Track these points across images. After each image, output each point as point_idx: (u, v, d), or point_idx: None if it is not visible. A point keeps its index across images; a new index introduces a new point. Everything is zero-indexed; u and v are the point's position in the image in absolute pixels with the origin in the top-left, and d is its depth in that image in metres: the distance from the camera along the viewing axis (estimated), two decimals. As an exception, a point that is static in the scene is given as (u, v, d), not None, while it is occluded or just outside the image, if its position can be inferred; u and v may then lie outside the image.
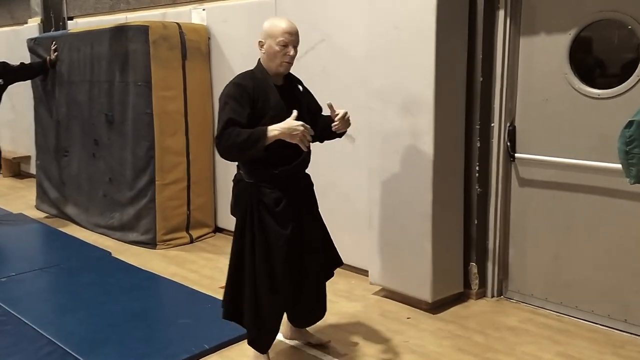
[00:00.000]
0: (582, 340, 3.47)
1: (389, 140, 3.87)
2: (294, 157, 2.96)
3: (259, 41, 2.96)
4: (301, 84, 3.16)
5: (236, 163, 3.06)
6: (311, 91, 3.28)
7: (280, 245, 2.93)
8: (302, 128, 2.78)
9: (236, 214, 3.02)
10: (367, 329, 3.67)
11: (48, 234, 5.93)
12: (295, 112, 2.82)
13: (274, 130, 2.77)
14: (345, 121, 3.04)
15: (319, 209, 3.24)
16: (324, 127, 3.11)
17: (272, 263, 2.95)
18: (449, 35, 3.66)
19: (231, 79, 2.97)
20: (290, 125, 2.78)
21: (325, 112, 3.16)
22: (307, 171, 3.16)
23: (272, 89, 2.92)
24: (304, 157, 3.01)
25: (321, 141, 3.24)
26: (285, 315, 3.25)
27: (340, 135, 3.20)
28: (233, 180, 3.08)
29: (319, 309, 3.34)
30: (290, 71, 3.08)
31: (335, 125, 3.02)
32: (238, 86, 2.87)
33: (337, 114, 3.01)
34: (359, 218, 4.36)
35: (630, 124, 1.89)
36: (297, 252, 3.03)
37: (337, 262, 3.36)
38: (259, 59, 3.00)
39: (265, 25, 2.95)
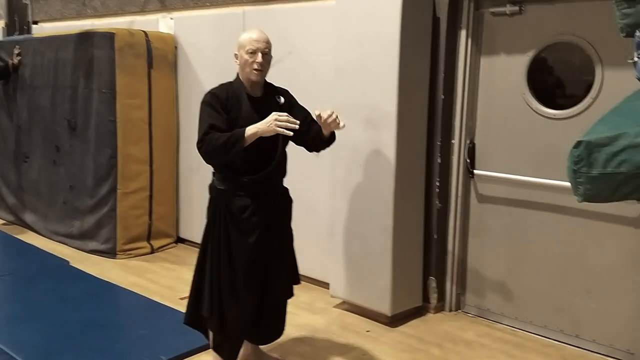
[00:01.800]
0: (537, 354, 3.54)
1: (352, 153, 3.92)
2: (264, 165, 2.97)
3: (234, 54, 3.03)
4: (285, 95, 3.16)
5: (209, 170, 3.07)
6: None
7: (242, 254, 2.93)
8: (273, 119, 2.78)
9: (207, 217, 3.04)
10: (327, 341, 3.68)
11: (4, 241, 5.79)
12: (282, 99, 2.88)
13: (252, 128, 2.79)
14: (332, 121, 2.98)
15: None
16: (315, 135, 3.11)
17: (235, 271, 2.94)
18: (412, 53, 3.73)
19: (197, 88, 3.01)
20: (266, 121, 2.80)
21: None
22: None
23: (245, 100, 2.96)
24: (275, 166, 3.00)
25: (317, 150, 3.25)
26: None
27: (328, 141, 3.16)
28: (208, 187, 3.10)
29: (277, 328, 3.30)
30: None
31: (324, 126, 3.00)
32: (213, 95, 2.93)
33: (324, 117, 2.98)
34: (322, 230, 4.38)
35: (578, 144, 1.95)
36: (262, 263, 3.02)
37: (296, 280, 3.35)
38: (237, 72, 3.05)
39: (239, 39, 3.02)
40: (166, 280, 4.68)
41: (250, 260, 2.95)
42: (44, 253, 5.31)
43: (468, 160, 3.97)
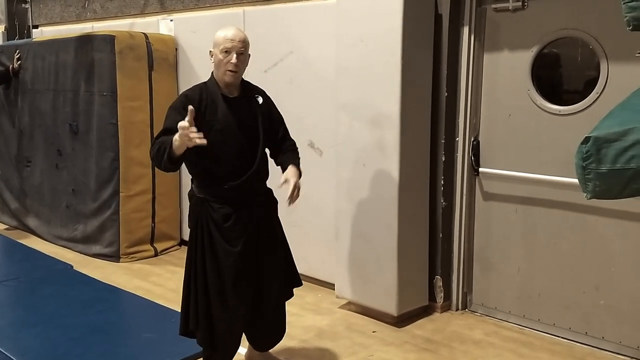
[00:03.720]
0: (545, 353, 3.52)
1: (356, 153, 3.89)
2: (245, 171, 2.85)
3: (209, 51, 2.88)
4: (262, 95, 3.03)
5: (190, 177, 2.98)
6: (279, 102, 3.21)
7: (230, 263, 2.83)
8: (179, 134, 2.52)
9: (190, 227, 2.95)
10: (334, 342, 3.65)
11: (7, 246, 5.78)
12: (190, 108, 2.57)
13: (175, 140, 2.56)
14: (290, 195, 2.85)
15: (284, 225, 3.17)
16: (282, 159, 3.03)
17: (223, 280, 2.85)
18: (415, 51, 3.70)
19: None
20: (178, 134, 2.53)
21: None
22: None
23: (220, 101, 2.81)
24: (254, 172, 2.87)
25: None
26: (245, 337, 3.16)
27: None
28: (188, 194, 3.00)
29: (278, 332, 3.22)
30: (261, 82, 3.03)
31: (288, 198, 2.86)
32: (184, 97, 2.79)
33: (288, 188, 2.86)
34: (327, 231, 4.36)
35: (586, 139, 1.92)
36: (252, 271, 2.93)
37: (297, 282, 3.21)
38: (212, 71, 2.91)
39: (215, 35, 2.87)
40: (170, 283, 4.66)
41: (237, 268, 2.85)
42: (47, 257, 5.29)
43: (473, 158, 3.94)
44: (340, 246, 4.06)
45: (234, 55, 2.79)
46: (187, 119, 2.53)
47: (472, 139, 3.94)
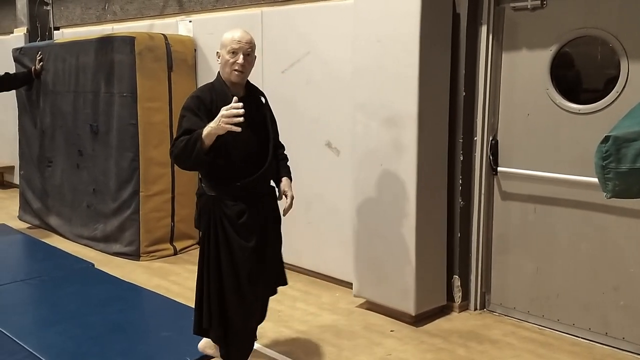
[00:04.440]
0: (564, 353, 3.49)
1: (373, 153, 3.90)
2: (255, 168, 2.91)
3: (217, 52, 2.97)
4: (263, 95, 3.10)
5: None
6: (297, 103, 3.26)
7: (245, 258, 2.89)
8: (219, 118, 2.63)
9: (200, 228, 2.98)
10: (351, 342, 3.66)
11: (30, 245, 5.87)
12: (235, 98, 2.70)
13: (207, 128, 2.66)
14: (287, 207, 3.04)
15: (301, 225, 3.22)
16: (276, 170, 3.09)
17: (238, 276, 2.90)
18: (433, 51, 3.70)
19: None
20: (215, 121, 2.65)
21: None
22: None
23: (229, 101, 2.79)
24: (267, 169, 2.95)
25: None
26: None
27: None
28: (196, 194, 3.05)
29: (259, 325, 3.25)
30: (278, 83, 3.06)
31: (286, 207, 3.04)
32: (196, 99, 2.85)
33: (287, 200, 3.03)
34: (344, 230, 4.37)
35: (606, 139, 1.92)
36: (262, 265, 2.98)
37: (284, 281, 3.24)
38: (219, 71, 2.98)
39: (222, 37, 2.95)
40: (190, 282, 4.68)
41: (252, 263, 2.91)
42: (69, 256, 5.37)
43: (491, 157, 3.92)
44: (358, 245, 4.07)
45: (241, 56, 2.87)
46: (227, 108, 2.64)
47: (491, 138, 3.93)
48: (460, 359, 3.44)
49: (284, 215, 3.05)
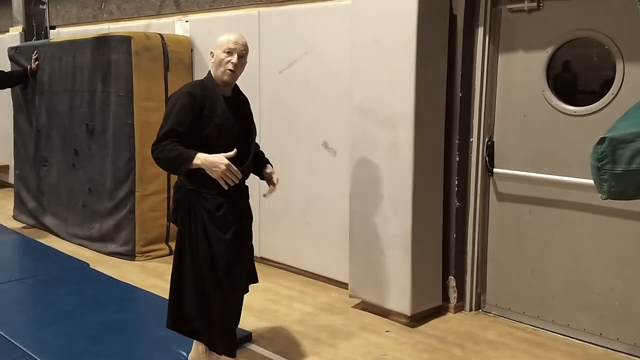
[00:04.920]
0: (559, 354, 3.51)
1: (370, 153, 3.90)
2: (238, 164, 2.94)
3: (211, 52, 3.04)
4: (247, 99, 3.19)
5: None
6: (294, 103, 3.30)
7: (222, 250, 2.94)
8: (223, 167, 2.80)
9: (176, 221, 3.03)
10: (347, 342, 3.67)
11: (25, 244, 5.85)
12: (233, 152, 2.85)
13: (198, 159, 2.81)
14: (270, 188, 3.23)
15: (298, 225, 3.23)
16: (257, 162, 3.19)
17: (216, 268, 2.96)
18: (429, 51, 3.71)
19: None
20: (213, 161, 2.81)
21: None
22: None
23: (220, 99, 2.95)
24: (247, 166, 3.02)
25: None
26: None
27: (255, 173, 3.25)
28: (174, 187, 3.11)
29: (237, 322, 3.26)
30: (276, 83, 3.10)
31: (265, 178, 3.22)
32: (187, 94, 2.91)
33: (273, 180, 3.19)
34: (340, 231, 4.37)
35: (602, 140, 1.93)
36: (238, 258, 3.05)
37: (255, 278, 3.29)
38: (209, 70, 3.05)
39: (218, 39, 3.04)
40: (185, 282, 4.69)
41: (229, 255, 2.97)
42: (64, 256, 5.35)
43: (487, 159, 3.94)
44: (354, 246, 4.08)
45: (235, 56, 2.95)
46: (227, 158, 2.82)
47: (487, 140, 3.94)
48: (456, 359, 3.45)
49: (264, 196, 3.22)
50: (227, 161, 2.81)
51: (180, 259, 3.01)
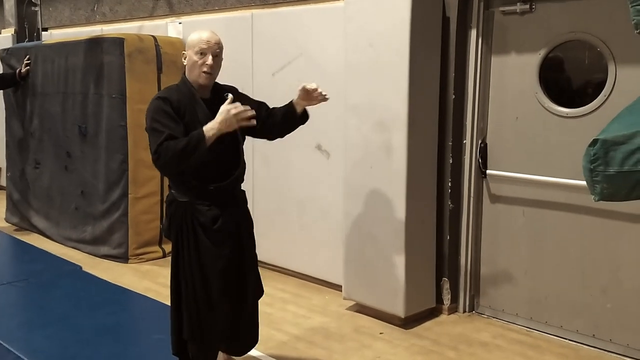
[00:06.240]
0: (552, 355, 3.52)
1: (364, 155, 3.90)
2: (229, 172, 2.84)
3: (182, 53, 2.87)
4: (231, 91, 2.91)
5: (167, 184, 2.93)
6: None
7: (220, 267, 2.80)
8: (232, 114, 2.60)
9: (171, 236, 2.87)
10: (341, 344, 3.67)
11: (17, 247, 5.82)
12: (230, 97, 2.66)
13: (211, 129, 2.61)
14: (317, 94, 2.95)
15: (291, 227, 3.16)
16: (285, 114, 2.99)
17: (210, 284, 2.81)
18: (423, 53, 3.72)
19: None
20: (222, 119, 2.61)
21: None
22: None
23: (199, 103, 2.78)
24: (240, 172, 2.89)
25: (282, 135, 3.10)
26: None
27: (303, 118, 3.07)
28: (166, 201, 2.95)
29: (256, 331, 3.14)
30: (269, 85, 3.02)
31: (307, 99, 2.96)
32: (165, 100, 2.72)
33: (314, 87, 2.92)
34: (334, 233, 4.37)
35: (594, 142, 1.94)
36: (235, 271, 2.90)
37: (261, 291, 3.12)
38: (183, 72, 2.88)
39: (188, 38, 2.85)
40: (179, 285, 4.67)
41: (224, 271, 2.82)
42: (56, 259, 5.32)
43: (480, 160, 3.95)
44: (348, 248, 4.08)
45: (210, 57, 2.76)
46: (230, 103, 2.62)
47: (480, 142, 3.95)
48: (449, 361, 3.46)
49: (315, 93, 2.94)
50: (229, 107, 2.61)
51: (179, 278, 2.86)
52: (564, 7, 3.54)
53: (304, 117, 3.07)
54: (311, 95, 2.94)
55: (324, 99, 2.96)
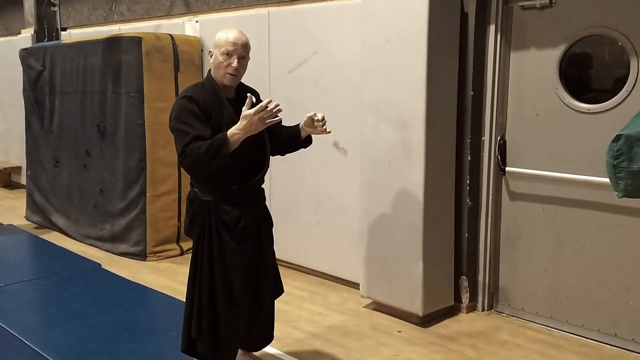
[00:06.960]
0: (573, 354, 3.47)
1: (381, 153, 3.88)
2: (253, 172, 2.84)
3: (209, 51, 2.86)
4: (254, 93, 2.91)
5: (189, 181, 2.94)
6: (304, 103, 3.22)
7: (238, 265, 2.81)
8: (256, 119, 2.57)
9: (192, 234, 2.88)
10: (358, 342, 3.65)
11: (37, 245, 5.88)
12: (251, 98, 2.64)
13: (236, 133, 2.60)
14: (321, 126, 2.96)
15: (309, 224, 3.17)
16: (289, 136, 3.02)
17: (231, 283, 2.83)
18: (441, 50, 3.69)
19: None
20: (247, 124, 2.59)
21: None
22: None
23: (225, 103, 2.78)
24: (264, 172, 2.88)
25: (282, 154, 3.12)
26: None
27: (306, 143, 3.10)
28: (187, 199, 2.94)
29: (272, 327, 3.19)
30: (286, 83, 3.02)
31: (310, 127, 2.97)
32: (191, 99, 2.70)
33: (319, 118, 2.94)
34: (351, 231, 4.36)
35: (617, 137, 1.91)
36: (255, 270, 2.92)
37: (281, 289, 3.18)
38: (209, 70, 2.88)
39: (216, 35, 2.84)
40: (196, 282, 4.69)
41: (245, 269, 2.85)
42: (76, 256, 5.37)
43: (499, 157, 3.91)
44: (366, 246, 4.06)
45: (235, 60, 2.75)
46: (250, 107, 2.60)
47: (499, 138, 3.91)
48: (468, 359, 3.42)
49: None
50: (252, 111, 2.57)
51: (196, 276, 2.86)
52: (585, 1, 3.48)
53: (307, 142, 3.11)
54: (314, 124, 2.95)
55: (325, 131, 2.98)
